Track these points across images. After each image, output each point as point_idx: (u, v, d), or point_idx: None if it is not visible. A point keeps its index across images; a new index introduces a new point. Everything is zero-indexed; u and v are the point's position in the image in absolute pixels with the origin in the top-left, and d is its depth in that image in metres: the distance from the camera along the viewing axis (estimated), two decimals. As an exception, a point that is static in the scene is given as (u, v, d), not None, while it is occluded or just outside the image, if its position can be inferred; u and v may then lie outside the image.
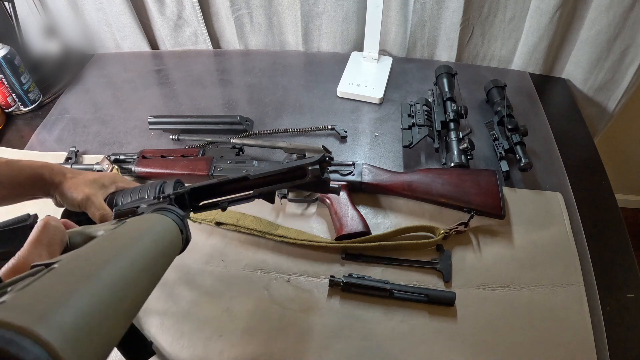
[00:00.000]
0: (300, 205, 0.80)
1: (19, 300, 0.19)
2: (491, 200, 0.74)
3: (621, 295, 0.67)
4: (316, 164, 0.50)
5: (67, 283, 0.22)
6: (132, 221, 0.36)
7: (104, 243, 0.30)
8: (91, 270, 0.24)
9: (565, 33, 1.00)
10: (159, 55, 1.19)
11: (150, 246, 0.32)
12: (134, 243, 0.30)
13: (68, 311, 0.19)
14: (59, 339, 0.17)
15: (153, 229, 0.35)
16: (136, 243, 0.31)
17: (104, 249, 0.28)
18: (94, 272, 0.24)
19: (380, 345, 0.63)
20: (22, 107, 1.05)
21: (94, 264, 0.25)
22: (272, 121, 0.97)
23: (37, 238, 0.35)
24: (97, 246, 0.29)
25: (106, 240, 0.30)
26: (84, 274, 0.23)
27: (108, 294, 0.23)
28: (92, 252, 0.27)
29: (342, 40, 1.11)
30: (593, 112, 1.08)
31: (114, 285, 0.24)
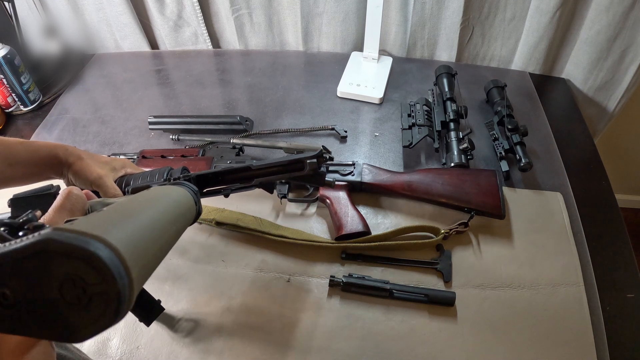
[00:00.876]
0: (300, 205, 0.80)
1: (87, 220, 0.25)
2: (491, 200, 0.74)
3: (621, 295, 0.67)
4: (314, 158, 0.55)
5: (117, 215, 0.27)
6: (154, 188, 0.40)
7: (137, 197, 0.34)
8: (133, 210, 0.29)
9: (565, 33, 1.00)
10: (159, 55, 1.19)
11: (173, 204, 0.37)
12: (162, 198, 0.37)
13: (124, 231, 0.25)
14: (121, 245, 0.23)
15: (174, 193, 0.40)
16: (163, 199, 0.37)
17: (138, 201, 0.33)
18: (135, 212, 0.29)
19: (380, 345, 0.63)
20: (22, 107, 1.05)
21: (134, 208, 0.30)
22: (272, 121, 0.97)
23: (61, 204, 0.37)
24: (132, 199, 0.34)
25: (138, 196, 0.35)
26: (128, 213, 0.29)
27: (149, 228, 0.28)
28: (128, 201, 0.32)
29: (342, 40, 1.11)
30: (593, 112, 1.08)
31: (152, 224, 0.30)
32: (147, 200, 0.34)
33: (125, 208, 0.30)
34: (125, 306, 0.22)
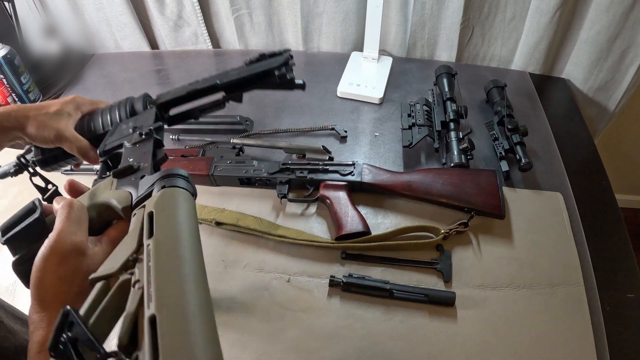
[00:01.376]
0: (300, 205, 0.80)
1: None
2: (491, 200, 0.74)
3: (621, 295, 0.67)
4: (281, 67, 0.52)
5: (183, 333, 0.27)
6: (161, 217, 0.35)
7: (169, 268, 0.31)
8: (185, 309, 0.29)
9: (565, 33, 1.00)
10: (159, 55, 1.19)
11: (194, 236, 0.35)
12: (188, 251, 0.33)
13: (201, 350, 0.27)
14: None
15: (184, 217, 0.36)
16: (188, 245, 0.34)
17: (174, 275, 0.31)
18: (188, 309, 0.29)
19: (380, 345, 0.63)
20: (22, 107, 1.05)
21: (184, 301, 0.29)
22: (272, 121, 0.97)
23: (68, 217, 0.37)
24: (166, 274, 0.30)
25: (167, 261, 0.31)
26: (184, 316, 0.28)
27: (205, 315, 0.29)
28: (169, 284, 0.30)
29: (342, 40, 1.11)
30: (593, 112, 1.08)
31: (203, 303, 0.30)
32: (185, 283, 0.31)
33: (181, 320, 0.28)
34: None
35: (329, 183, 0.78)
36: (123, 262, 0.32)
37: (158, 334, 0.26)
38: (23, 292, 0.72)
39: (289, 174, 0.79)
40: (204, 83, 0.54)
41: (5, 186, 0.87)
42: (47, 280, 0.35)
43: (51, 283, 0.35)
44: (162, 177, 0.39)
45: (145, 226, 0.34)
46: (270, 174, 0.79)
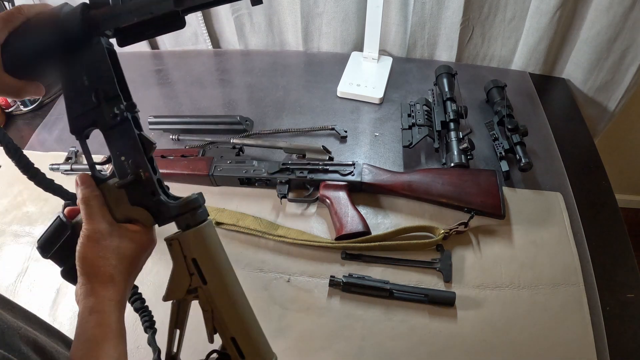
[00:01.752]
0: (300, 205, 0.80)
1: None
2: (491, 200, 0.74)
3: (621, 295, 0.67)
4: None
5: (254, 340, 0.48)
6: (205, 263, 0.47)
7: (225, 291, 0.48)
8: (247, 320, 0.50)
9: (565, 33, 1.00)
10: (159, 55, 1.19)
11: (227, 264, 0.49)
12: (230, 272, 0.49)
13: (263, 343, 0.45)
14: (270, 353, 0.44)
15: (218, 249, 0.48)
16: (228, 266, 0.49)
17: (231, 298, 0.48)
18: (248, 320, 0.50)
19: (380, 345, 0.63)
20: (22, 107, 1.05)
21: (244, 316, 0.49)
22: (272, 121, 0.97)
23: (89, 213, 0.45)
24: (226, 300, 0.48)
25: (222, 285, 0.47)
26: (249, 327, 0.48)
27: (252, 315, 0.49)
28: (230, 307, 0.48)
29: (342, 40, 1.11)
30: (593, 112, 1.08)
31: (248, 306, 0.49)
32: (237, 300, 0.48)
33: (247, 331, 0.47)
34: None
35: (329, 183, 0.78)
36: (186, 290, 0.46)
37: (240, 346, 0.46)
38: (23, 292, 0.72)
39: (289, 174, 0.79)
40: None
41: (4, 186, 0.87)
42: (88, 259, 0.43)
43: (91, 261, 0.43)
44: (183, 212, 0.45)
45: (194, 269, 0.45)
46: (270, 174, 0.79)
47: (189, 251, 0.45)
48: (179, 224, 0.46)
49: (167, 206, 0.45)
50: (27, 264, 0.75)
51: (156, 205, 0.46)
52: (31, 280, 0.73)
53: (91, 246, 0.44)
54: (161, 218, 0.47)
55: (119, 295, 0.44)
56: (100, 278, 0.43)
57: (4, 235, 0.80)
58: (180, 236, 0.45)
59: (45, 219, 0.81)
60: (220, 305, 0.46)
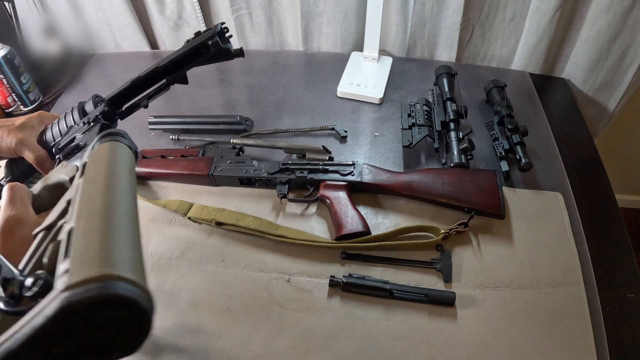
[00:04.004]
0: (300, 205, 0.80)
1: (81, 258, 0.24)
2: (491, 200, 0.74)
3: (621, 295, 0.67)
4: (214, 37, 0.54)
5: (97, 231, 0.26)
6: (95, 161, 0.35)
7: (95, 189, 0.31)
8: (105, 213, 0.28)
9: (565, 33, 1.00)
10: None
11: (127, 176, 0.34)
12: (118, 181, 0.33)
13: (120, 252, 0.25)
14: (128, 271, 0.23)
15: (119, 161, 0.36)
16: (120, 179, 0.33)
17: (99, 194, 0.30)
18: (108, 214, 0.28)
19: (380, 345, 0.63)
20: (22, 107, 1.05)
21: (105, 209, 0.29)
22: (272, 121, 0.97)
23: (10, 198, 0.41)
24: (92, 193, 0.30)
25: (94, 185, 0.31)
26: (103, 218, 0.27)
27: (127, 224, 0.28)
28: (93, 199, 0.30)
29: (342, 40, 1.11)
30: (593, 112, 1.08)
31: (127, 215, 0.29)
32: (107, 188, 0.31)
33: (97, 211, 0.28)
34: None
35: (329, 183, 0.78)
36: (61, 211, 0.32)
37: (72, 239, 0.26)
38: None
39: (289, 174, 0.79)
40: (146, 71, 0.57)
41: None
42: (4, 255, 0.36)
43: (6, 256, 0.36)
44: (101, 137, 0.39)
45: (78, 174, 0.35)
46: (270, 174, 0.79)
47: (85, 159, 0.37)
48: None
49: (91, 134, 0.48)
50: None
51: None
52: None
53: (4, 240, 0.38)
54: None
55: None
56: None
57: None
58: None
59: (45, 219, 0.81)
60: (82, 195, 0.31)
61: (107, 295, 0.22)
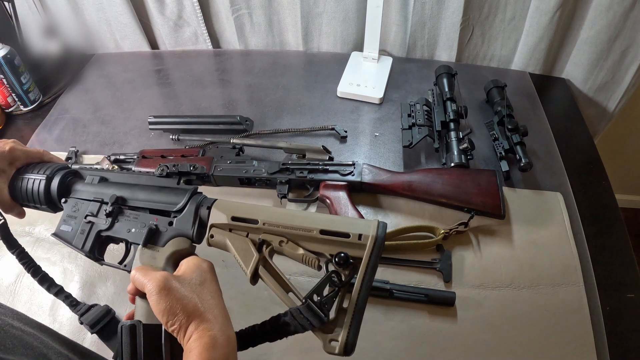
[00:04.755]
0: (300, 205, 0.80)
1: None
2: (491, 200, 0.74)
3: (621, 295, 0.67)
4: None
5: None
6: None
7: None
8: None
9: (565, 33, 1.00)
10: (159, 55, 1.19)
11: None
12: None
13: None
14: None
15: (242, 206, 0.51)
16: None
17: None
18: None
19: (380, 345, 0.63)
20: (22, 107, 1.05)
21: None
22: (272, 121, 0.97)
23: (145, 274, 0.44)
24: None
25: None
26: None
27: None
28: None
29: (342, 40, 1.11)
30: (593, 112, 1.08)
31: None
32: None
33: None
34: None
35: (329, 183, 0.78)
36: (256, 247, 0.49)
37: (333, 230, 0.45)
38: (24, 292, 0.72)
39: (289, 174, 0.79)
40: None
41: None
42: (168, 304, 0.41)
43: (173, 305, 0.41)
44: (198, 204, 0.51)
45: (241, 223, 0.48)
46: (270, 174, 0.79)
47: (225, 216, 0.47)
48: (202, 212, 0.50)
49: (185, 215, 0.50)
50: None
51: (177, 226, 0.51)
52: (31, 280, 0.73)
53: (167, 294, 0.42)
54: (189, 227, 0.51)
55: (217, 325, 0.42)
56: (191, 318, 0.41)
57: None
58: (211, 219, 0.48)
59: (45, 219, 0.80)
60: (283, 220, 0.45)
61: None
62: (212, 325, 0.41)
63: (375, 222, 0.44)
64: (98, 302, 0.69)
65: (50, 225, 0.80)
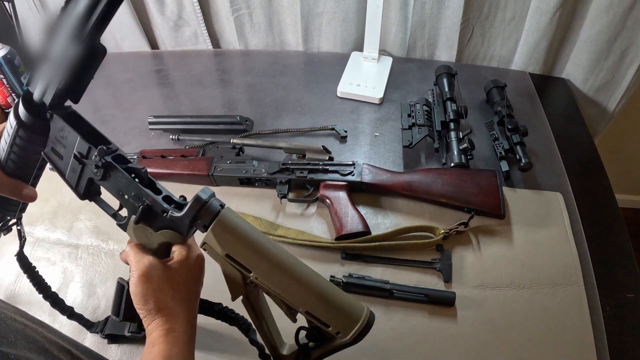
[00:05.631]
0: (300, 205, 0.80)
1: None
2: (491, 200, 0.74)
3: (621, 295, 0.67)
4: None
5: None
6: (239, 253, 0.47)
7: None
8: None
9: (565, 33, 1.00)
10: (159, 55, 1.19)
11: (260, 237, 0.48)
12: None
13: None
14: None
15: (247, 230, 0.48)
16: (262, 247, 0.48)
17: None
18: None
19: (380, 345, 0.63)
20: (22, 107, 1.05)
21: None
22: (272, 121, 0.97)
23: (134, 257, 0.46)
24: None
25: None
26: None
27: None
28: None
29: (342, 40, 1.11)
30: (593, 112, 1.08)
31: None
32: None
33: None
34: None
35: (329, 183, 0.78)
36: (243, 283, 0.47)
37: (318, 317, 0.45)
38: (24, 292, 0.72)
39: (289, 174, 0.79)
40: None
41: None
42: (144, 295, 0.44)
43: (147, 297, 0.44)
44: (195, 217, 0.45)
45: (234, 263, 0.45)
46: (270, 174, 0.79)
47: (220, 249, 0.45)
48: (199, 228, 0.46)
49: (180, 218, 0.46)
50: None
51: (171, 221, 0.46)
52: (31, 280, 0.73)
53: (145, 283, 0.44)
54: (183, 230, 0.47)
55: (181, 326, 0.44)
56: (160, 312, 0.44)
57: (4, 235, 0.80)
58: (206, 238, 0.45)
59: (45, 219, 0.80)
60: (275, 286, 0.45)
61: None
62: (179, 325, 0.44)
63: (360, 324, 0.44)
64: (98, 302, 0.70)
65: (50, 225, 0.80)
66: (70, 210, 0.82)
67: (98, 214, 0.81)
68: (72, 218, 0.81)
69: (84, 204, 0.83)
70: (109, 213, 0.51)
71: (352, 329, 0.44)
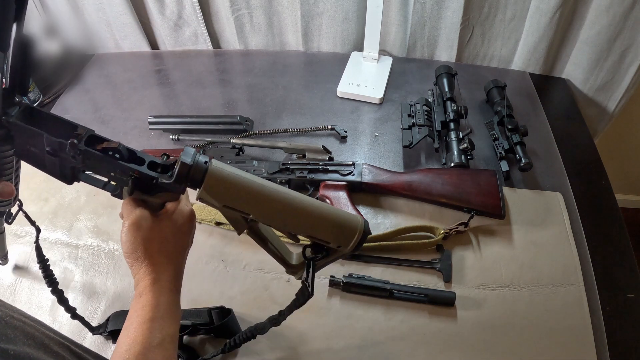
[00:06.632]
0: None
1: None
2: (491, 200, 0.74)
3: (621, 295, 0.67)
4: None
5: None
6: (235, 202, 0.47)
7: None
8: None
9: (565, 33, 1.00)
10: (159, 55, 1.19)
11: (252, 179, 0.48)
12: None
13: None
14: None
15: (238, 176, 0.48)
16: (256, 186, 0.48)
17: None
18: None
19: (380, 345, 0.63)
20: (22, 107, 1.05)
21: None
22: (272, 121, 0.97)
23: (125, 208, 0.48)
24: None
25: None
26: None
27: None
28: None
29: (342, 40, 1.11)
30: (593, 112, 1.08)
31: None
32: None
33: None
34: None
35: (329, 183, 0.78)
36: (246, 221, 0.48)
37: (319, 238, 0.47)
38: (24, 292, 0.72)
39: (289, 174, 0.79)
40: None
41: (5, 186, 0.86)
42: (132, 243, 0.45)
43: (135, 246, 0.45)
44: (184, 178, 0.45)
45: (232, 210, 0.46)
46: (270, 174, 0.79)
47: (216, 202, 0.45)
48: (191, 187, 0.46)
49: (170, 184, 0.46)
50: (27, 264, 0.75)
51: (162, 186, 0.47)
52: (31, 281, 0.73)
53: (134, 231, 0.46)
54: (176, 191, 0.48)
55: (167, 277, 0.46)
56: (147, 261, 0.45)
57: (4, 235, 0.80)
58: (200, 194, 0.46)
59: (45, 219, 0.80)
60: (274, 222, 0.47)
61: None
62: (165, 276, 0.46)
63: (357, 236, 0.47)
64: (98, 302, 0.70)
65: (50, 225, 0.80)
66: (70, 210, 0.82)
67: (98, 214, 0.81)
68: (72, 218, 0.81)
69: (84, 204, 0.83)
70: (99, 187, 0.51)
71: (351, 241, 0.47)
